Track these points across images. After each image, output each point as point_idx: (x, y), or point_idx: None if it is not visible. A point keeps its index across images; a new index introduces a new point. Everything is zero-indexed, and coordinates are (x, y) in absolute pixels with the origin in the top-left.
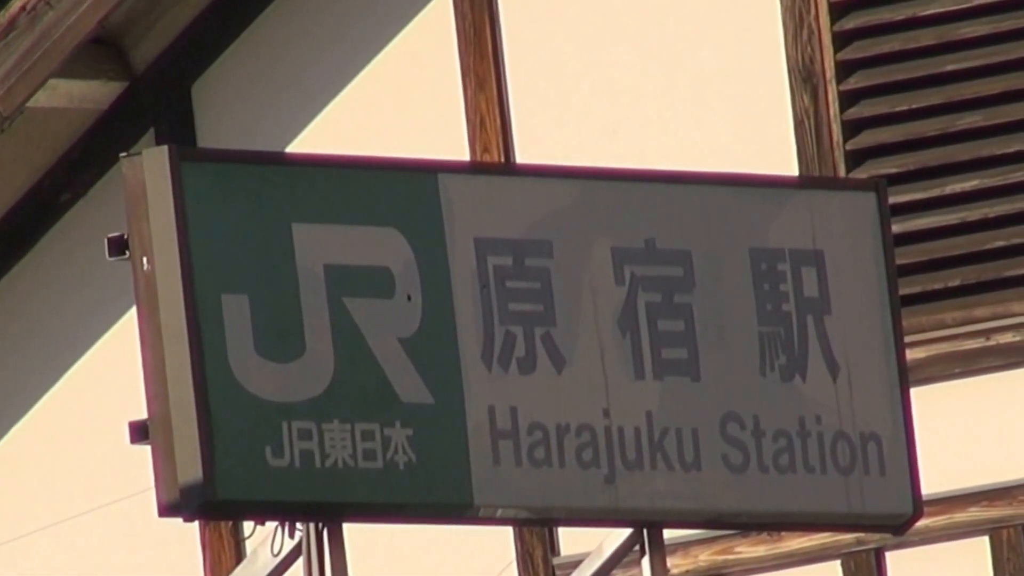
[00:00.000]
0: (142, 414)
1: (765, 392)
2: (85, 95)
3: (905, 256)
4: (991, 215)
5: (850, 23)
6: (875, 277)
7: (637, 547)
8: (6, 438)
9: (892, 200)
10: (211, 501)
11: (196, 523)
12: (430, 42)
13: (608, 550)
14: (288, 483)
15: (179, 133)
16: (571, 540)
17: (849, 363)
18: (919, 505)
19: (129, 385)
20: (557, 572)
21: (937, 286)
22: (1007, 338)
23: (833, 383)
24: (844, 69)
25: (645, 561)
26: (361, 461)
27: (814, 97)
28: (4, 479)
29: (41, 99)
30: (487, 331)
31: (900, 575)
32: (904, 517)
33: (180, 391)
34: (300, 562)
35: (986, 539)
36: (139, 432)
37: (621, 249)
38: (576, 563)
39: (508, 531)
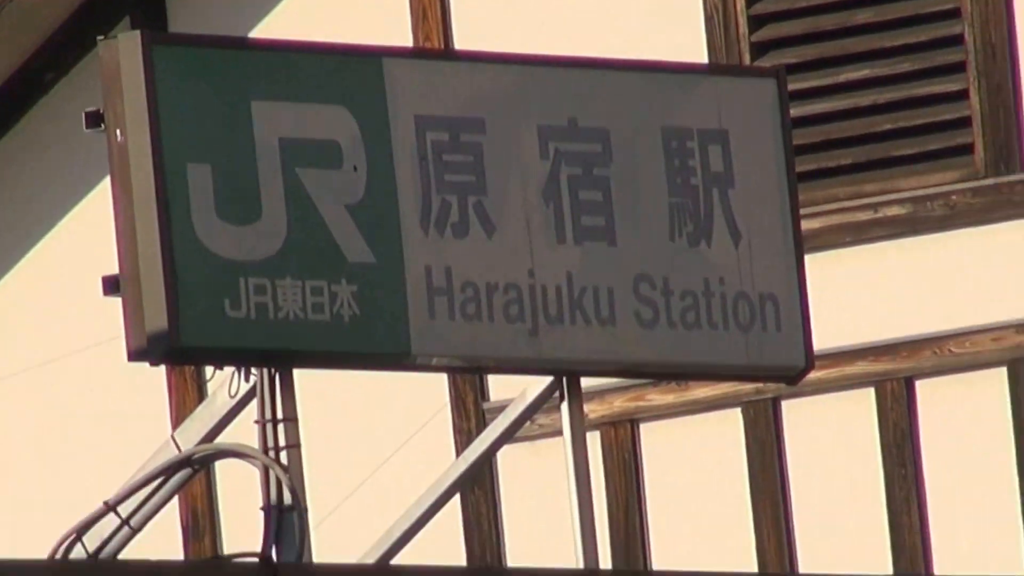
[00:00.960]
0: (114, 270)
1: (674, 256)
2: None
3: (802, 137)
4: (880, 101)
5: None
6: (774, 155)
7: (557, 394)
8: None
9: (791, 87)
10: (175, 348)
11: (162, 368)
12: None
13: (531, 396)
14: (244, 332)
15: (152, 20)
16: (499, 387)
17: (750, 231)
18: (811, 359)
19: (103, 244)
20: (486, 415)
21: (831, 164)
22: (893, 211)
23: (735, 249)
24: None
25: (564, 407)
26: (311, 314)
27: None
28: None
29: None
30: (425, 199)
31: (794, 422)
32: (797, 369)
33: (148, 249)
34: (255, 404)
35: (872, 390)
36: (111, 286)
37: (546, 127)
38: (503, 407)
39: (443, 379)
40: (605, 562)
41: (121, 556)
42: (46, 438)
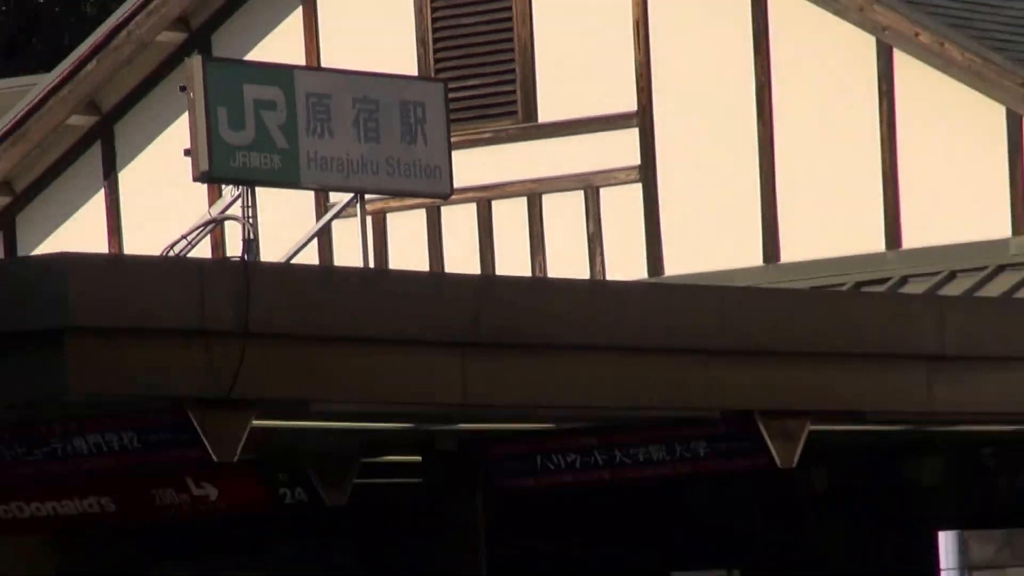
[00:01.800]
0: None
1: None
2: None
3: None
4: None
5: None
6: None
7: None
8: None
9: None
10: (212, 175)
11: (205, 186)
12: None
13: None
14: (241, 174)
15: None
16: None
17: None
18: None
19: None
20: None
21: None
22: None
23: None
24: None
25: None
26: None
27: None
28: None
29: None
30: None
31: None
32: None
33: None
34: (239, 201)
35: None
36: (186, 152)
37: None
38: None
39: None
40: None
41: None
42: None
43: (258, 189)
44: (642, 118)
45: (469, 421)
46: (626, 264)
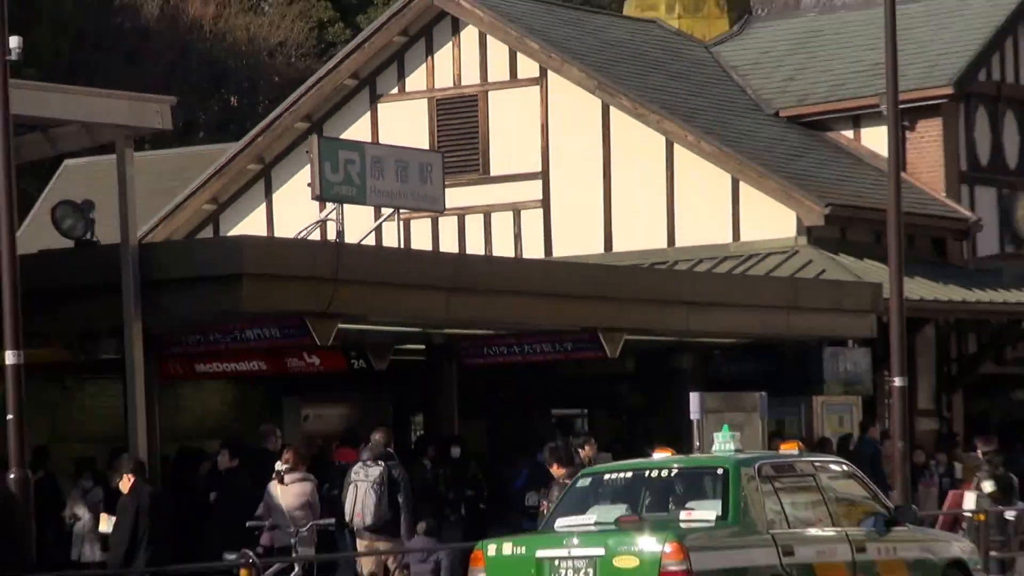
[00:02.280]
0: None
1: None
2: None
3: None
4: None
5: None
6: None
7: None
8: None
9: None
10: None
11: None
12: None
13: None
14: None
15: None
16: None
17: None
18: None
19: None
20: None
21: None
22: None
23: None
24: None
25: None
26: None
27: None
28: None
29: None
30: None
31: None
32: None
33: None
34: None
35: None
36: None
37: None
38: None
39: None
40: None
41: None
42: None
43: (344, 205)
44: (544, 174)
45: (449, 327)
46: (534, 252)
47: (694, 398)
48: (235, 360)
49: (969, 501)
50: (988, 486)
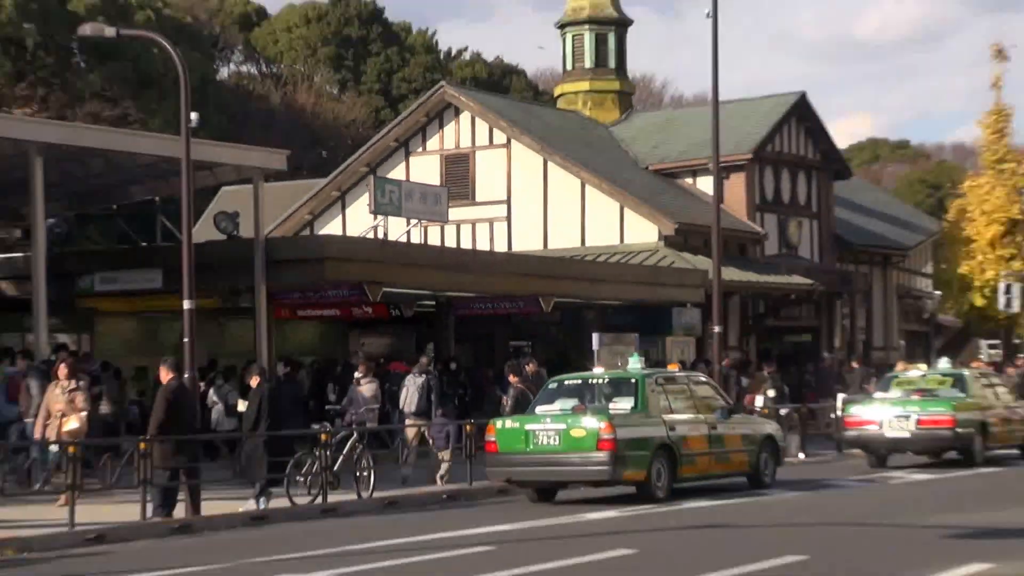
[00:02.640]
0: None
1: None
2: None
3: None
4: None
5: None
6: None
7: None
8: None
9: None
10: None
11: None
12: None
13: None
14: None
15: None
16: None
17: None
18: None
19: None
20: None
21: None
22: None
23: None
24: None
25: None
26: None
27: None
28: None
29: None
30: None
31: None
32: None
33: None
34: None
35: None
36: None
37: None
38: None
39: None
40: None
41: None
42: None
43: (388, 217)
44: (508, 201)
45: (449, 292)
46: (501, 247)
47: (595, 337)
48: (321, 308)
49: (759, 401)
50: (771, 392)
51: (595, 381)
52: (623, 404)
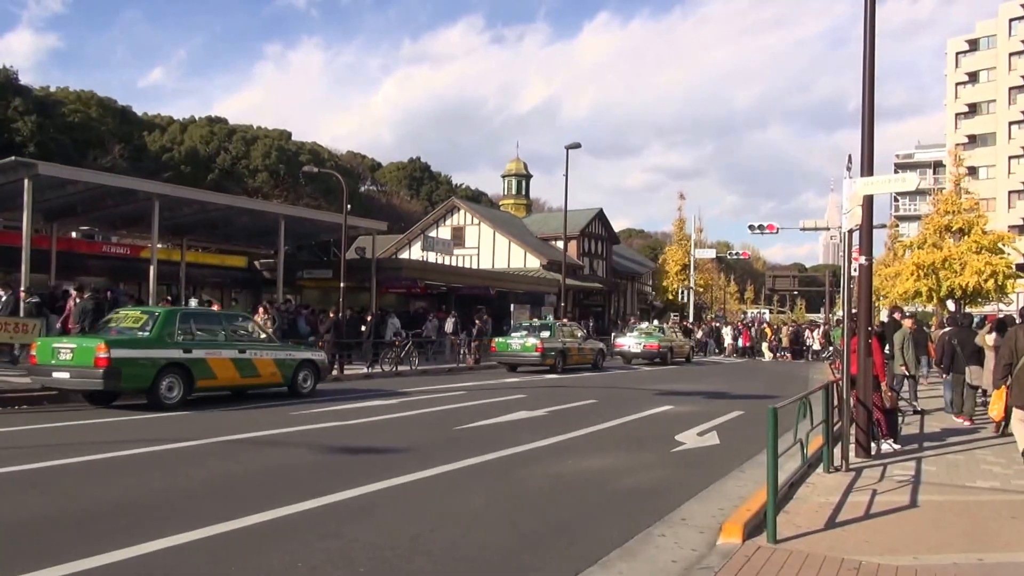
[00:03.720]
0: None
1: None
2: None
3: None
4: None
5: None
6: None
7: None
8: None
9: None
10: None
11: None
12: None
13: None
14: None
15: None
16: None
17: None
18: None
19: None
20: None
21: None
22: None
23: None
24: None
25: None
26: None
27: None
28: None
29: None
30: None
31: None
32: None
33: None
34: None
35: None
36: None
37: None
38: None
39: None
40: None
41: None
42: None
43: (429, 253)
44: (479, 248)
45: (452, 283)
46: (475, 266)
47: (513, 307)
48: (399, 288)
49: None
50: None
51: (531, 324)
52: (545, 334)
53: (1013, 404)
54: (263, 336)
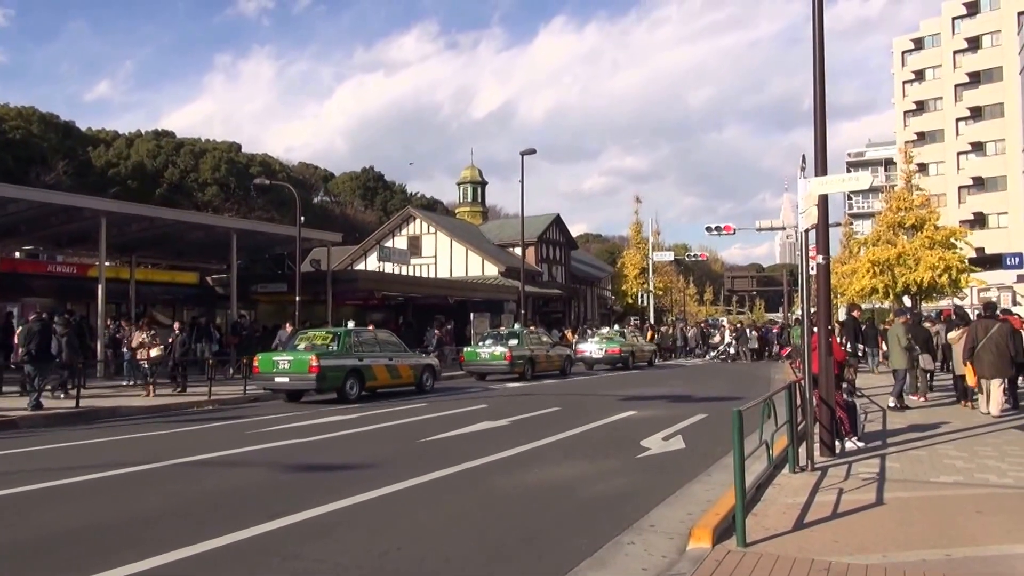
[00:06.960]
0: None
1: None
2: None
3: None
4: None
5: None
6: None
7: None
8: None
9: None
10: None
11: None
12: None
13: None
14: None
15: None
16: None
17: None
18: None
19: None
20: None
21: None
22: None
23: None
24: None
25: None
26: None
27: None
28: None
29: None
30: None
31: None
32: None
33: None
34: None
35: None
36: None
37: None
38: None
39: None
40: None
41: None
42: None
43: (386, 263)
44: (436, 258)
45: (411, 294)
46: (434, 276)
47: (472, 315)
48: (355, 301)
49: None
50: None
51: (499, 333)
52: (513, 342)
53: (980, 376)
54: (404, 349)
